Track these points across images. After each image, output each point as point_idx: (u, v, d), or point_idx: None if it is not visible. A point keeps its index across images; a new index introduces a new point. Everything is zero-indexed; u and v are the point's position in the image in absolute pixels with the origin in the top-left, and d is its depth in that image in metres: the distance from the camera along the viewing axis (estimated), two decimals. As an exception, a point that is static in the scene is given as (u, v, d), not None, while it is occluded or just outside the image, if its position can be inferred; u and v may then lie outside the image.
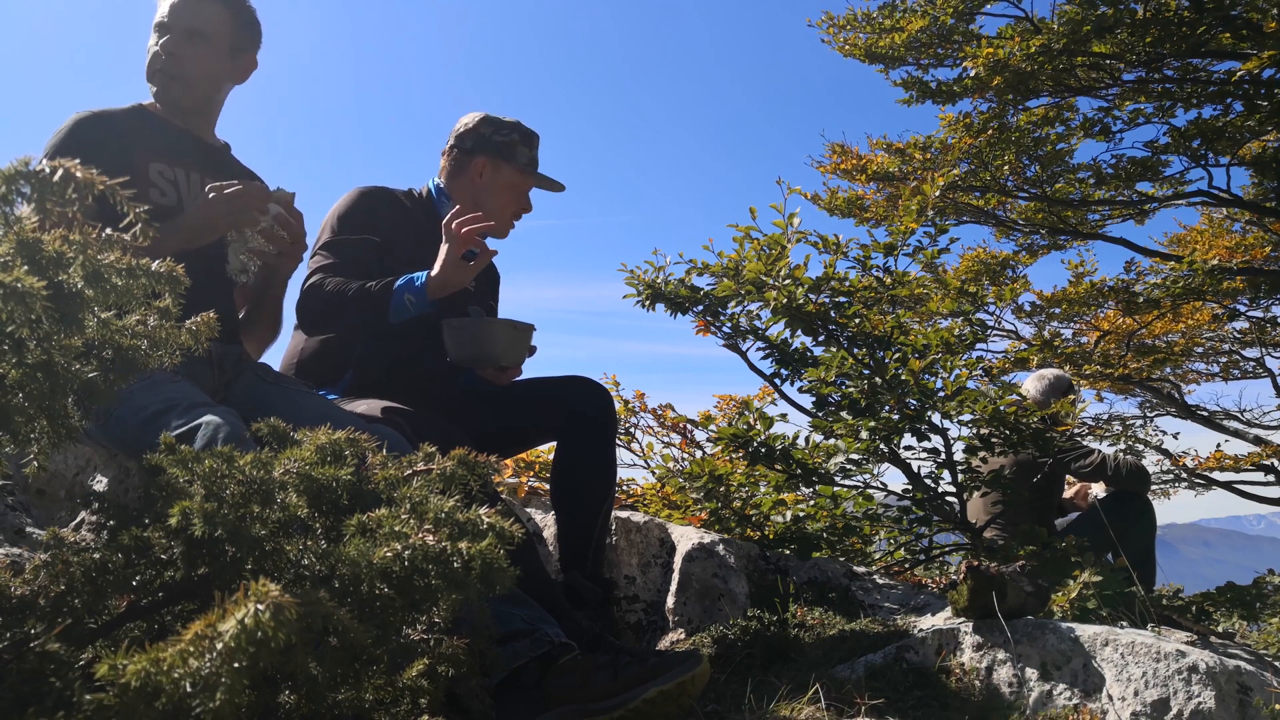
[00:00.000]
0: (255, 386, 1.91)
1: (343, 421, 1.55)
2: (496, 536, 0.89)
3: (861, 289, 2.84)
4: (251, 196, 1.75)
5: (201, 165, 1.99)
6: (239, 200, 1.73)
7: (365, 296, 2.02)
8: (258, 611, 0.61)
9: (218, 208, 1.73)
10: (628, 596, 2.49)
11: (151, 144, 1.91)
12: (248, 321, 2.15)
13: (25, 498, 1.87)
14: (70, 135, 1.81)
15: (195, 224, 1.75)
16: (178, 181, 1.92)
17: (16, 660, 0.77)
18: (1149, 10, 5.89)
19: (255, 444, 1.12)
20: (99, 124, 1.85)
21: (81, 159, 1.04)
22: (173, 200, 1.90)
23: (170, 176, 1.91)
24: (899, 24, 7.06)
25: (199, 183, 1.96)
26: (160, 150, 1.92)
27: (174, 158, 1.94)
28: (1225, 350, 9.97)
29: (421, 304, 2.02)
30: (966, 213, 8.36)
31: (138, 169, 1.85)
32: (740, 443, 2.76)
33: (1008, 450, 2.82)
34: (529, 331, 2.16)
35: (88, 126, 1.83)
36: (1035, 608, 1.71)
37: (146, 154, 1.89)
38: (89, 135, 1.82)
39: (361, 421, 1.70)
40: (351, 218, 2.22)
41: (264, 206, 1.77)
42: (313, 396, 1.93)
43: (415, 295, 2.00)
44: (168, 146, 1.94)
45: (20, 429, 0.84)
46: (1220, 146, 6.84)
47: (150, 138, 1.92)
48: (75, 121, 1.84)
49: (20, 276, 0.76)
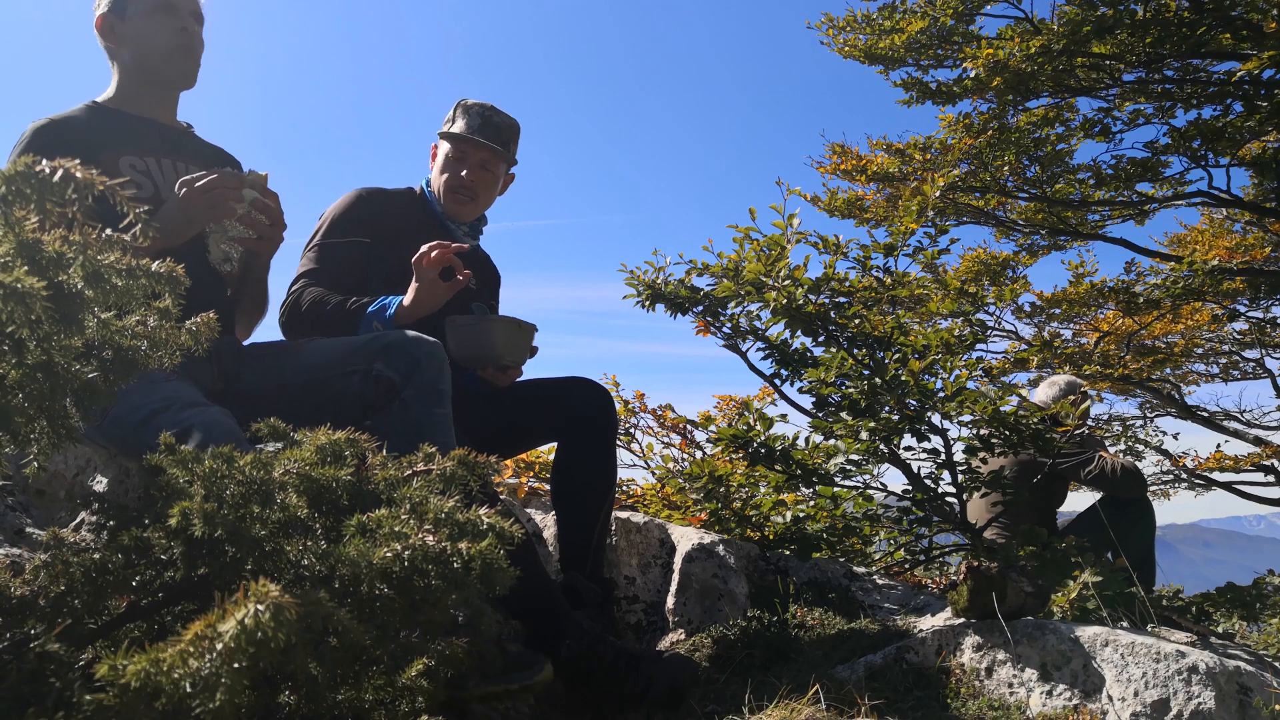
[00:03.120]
0: (262, 377, 1.90)
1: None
2: (496, 537, 0.89)
3: (861, 289, 2.84)
4: (225, 186, 1.73)
5: (171, 150, 1.98)
6: (214, 192, 1.71)
7: (339, 315, 2.03)
8: (258, 612, 0.61)
9: (194, 202, 1.71)
10: (628, 597, 2.49)
11: (117, 138, 1.90)
12: (234, 304, 2.14)
13: (25, 498, 1.87)
14: (32, 144, 1.80)
15: (173, 222, 1.73)
16: (150, 171, 1.91)
17: (16, 660, 0.77)
18: (1149, 11, 5.89)
19: (250, 443, 1.12)
20: (59, 129, 1.84)
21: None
22: (149, 191, 1.89)
23: (142, 168, 1.90)
24: (899, 25, 7.06)
25: (170, 168, 1.95)
26: (127, 143, 1.91)
27: (142, 148, 1.93)
28: (1225, 351, 9.98)
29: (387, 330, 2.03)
30: (966, 213, 8.36)
31: (108, 166, 1.83)
32: (740, 443, 2.76)
33: (1007, 451, 2.82)
34: (531, 332, 2.16)
35: (48, 134, 1.82)
36: (1035, 608, 1.71)
37: (114, 150, 1.88)
38: (51, 142, 1.80)
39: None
40: (344, 220, 2.23)
41: (239, 194, 1.75)
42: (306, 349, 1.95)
43: (384, 325, 2.00)
44: (134, 138, 1.93)
45: (20, 429, 0.84)
46: (1220, 147, 6.85)
47: (114, 132, 1.91)
48: (34, 130, 1.82)
49: (20, 277, 0.76)
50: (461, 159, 2.32)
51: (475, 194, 2.33)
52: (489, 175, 2.35)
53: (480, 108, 2.34)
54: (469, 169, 2.31)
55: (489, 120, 2.33)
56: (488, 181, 2.35)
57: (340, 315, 2.03)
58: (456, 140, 2.32)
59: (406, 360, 1.72)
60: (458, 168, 2.32)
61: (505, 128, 2.35)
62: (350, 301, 2.04)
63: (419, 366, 1.72)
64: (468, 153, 2.32)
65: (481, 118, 2.32)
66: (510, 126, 2.37)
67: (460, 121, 2.33)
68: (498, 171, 2.37)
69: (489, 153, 2.32)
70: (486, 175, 2.34)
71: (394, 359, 1.73)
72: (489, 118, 2.33)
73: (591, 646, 1.73)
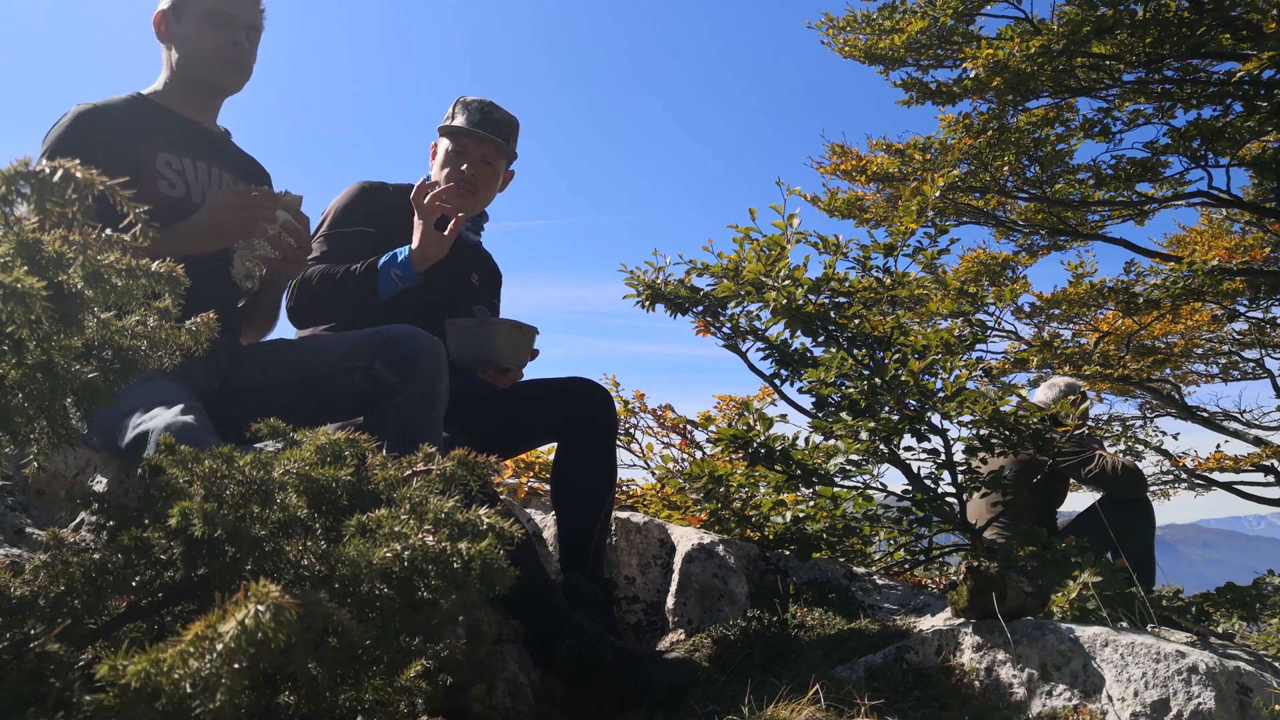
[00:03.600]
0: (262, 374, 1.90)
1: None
2: (496, 537, 0.89)
3: (861, 290, 2.84)
4: (260, 205, 1.74)
5: (206, 154, 1.98)
6: (249, 210, 1.72)
7: (351, 279, 2.05)
8: (258, 612, 0.61)
9: (228, 216, 1.72)
10: (628, 597, 2.49)
11: (156, 135, 1.90)
12: (244, 317, 2.14)
13: (25, 498, 1.87)
14: (73, 128, 1.79)
15: (204, 231, 1.74)
16: (184, 171, 1.91)
17: (16, 660, 0.77)
18: (1149, 11, 5.89)
19: (249, 442, 1.11)
20: (101, 116, 1.83)
21: (85, 154, 1.04)
22: (180, 191, 1.89)
23: (177, 167, 1.90)
24: (899, 25, 7.06)
25: (205, 172, 1.95)
26: (165, 141, 1.91)
27: (180, 148, 1.93)
28: (1225, 351, 9.98)
29: (409, 277, 2.04)
30: (966, 213, 8.36)
31: (144, 161, 1.84)
32: (740, 443, 2.76)
33: (1007, 451, 2.82)
34: (532, 334, 2.16)
35: (90, 120, 1.81)
36: (1035, 608, 1.71)
37: (152, 146, 1.87)
38: (91, 129, 1.80)
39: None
40: (348, 211, 2.24)
41: (272, 215, 1.76)
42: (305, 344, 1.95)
43: (401, 270, 2.02)
44: (173, 136, 1.93)
45: (20, 429, 0.84)
46: (1220, 147, 6.84)
47: (154, 128, 1.90)
48: (77, 114, 1.81)
49: (20, 277, 0.76)
50: (462, 153, 2.33)
51: (476, 188, 2.34)
52: (490, 170, 2.35)
53: (480, 103, 2.35)
54: (470, 163, 2.32)
55: (489, 115, 2.34)
56: (488, 176, 2.36)
57: (351, 279, 2.05)
58: (457, 135, 2.33)
59: (404, 359, 1.72)
60: (458, 162, 2.33)
61: (505, 123, 2.36)
62: (356, 266, 2.05)
63: (415, 367, 1.72)
64: (468, 147, 2.33)
65: (481, 113, 2.33)
66: (510, 122, 2.37)
67: (460, 117, 2.34)
68: (498, 166, 2.38)
69: (490, 147, 2.33)
70: (487, 170, 2.35)
71: (392, 358, 1.73)
72: (489, 113, 2.34)
73: (591, 646, 1.73)
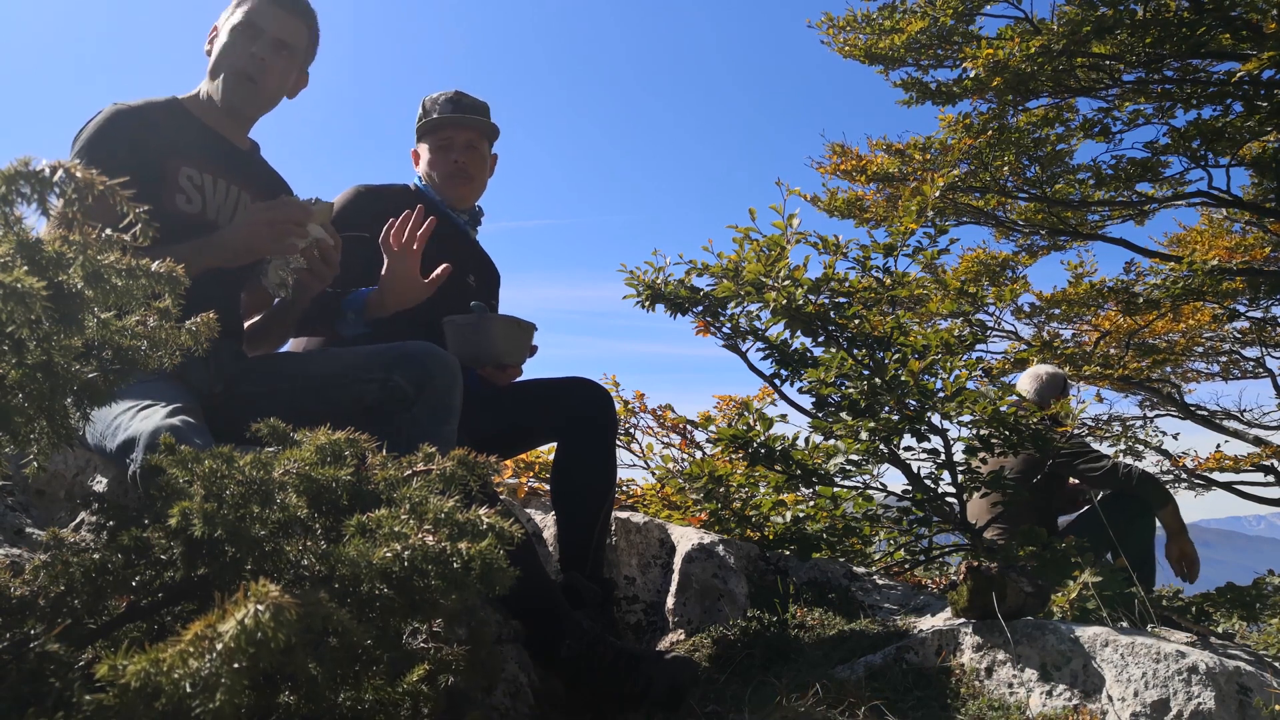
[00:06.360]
0: (264, 381, 1.90)
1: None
2: (496, 537, 0.89)
3: (861, 290, 2.84)
4: (293, 220, 1.73)
5: (229, 171, 1.97)
6: (282, 226, 1.72)
7: (314, 307, 2.05)
8: (258, 612, 0.61)
9: (261, 231, 1.72)
10: (628, 597, 2.49)
11: (184, 147, 1.89)
12: (263, 329, 2.13)
13: (25, 498, 1.87)
14: (108, 127, 1.78)
15: (236, 245, 1.73)
16: (204, 188, 1.90)
17: (16, 660, 0.77)
18: (1149, 11, 5.89)
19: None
20: (136, 119, 1.82)
21: (115, 155, 1.03)
22: (197, 207, 1.88)
23: (198, 182, 1.89)
24: (899, 25, 7.07)
25: (225, 190, 1.94)
26: (191, 154, 1.89)
27: (204, 162, 1.91)
28: (1225, 350, 9.98)
29: (357, 324, 2.03)
30: (966, 213, 8.36)
31: (168, 173, 1.83)
32: (740, 443, 2.76)
33: (1007, 451, 2.82)
34: (530, 330, 2.15)
35: (121, 121, 1.80)
36: (1035, 608, 1.71)
37: (178, 158, 1.86)
38: (125, 131, 1.79)
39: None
40: (343, 216, 2.24)
41: (304, 230, 1.76)
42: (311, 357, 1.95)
43: (356, 314, 2.02)
44: (199, 150, 1.92)
45: (20, 429, 0.84)
46: (1220, 147, 6.85)
47: (183, 140, 1.89)
48: (114, 113, 1.80)
49: (20, 277, 0.76)
50: (448, 145, 2.38)
51: (470, 174, 2.40)
52: (477, 154, 2.41)
53: (449, 95, 2.40)
54: (458, 152, 2.37)
55: (460, 103, 2.39)
56: (478, 160, 2.42)
57: (316, 307, 2.05)
58: (438, 126, 2.38)
59: (420, 373, 1.71)
60: (446, 155, 2.38)
61: (478, 106, 2.43)
62: (325, 294, 2.05)
63: (433, 380, 1.71)
64: (453, 137, 2.38)
65: (454, 103, 2.39)
66: (482, 105, 2.44)
67: (434, 113, 2.39)
68: (483, 149, 2.44)
69: (473, 131, 2.39)
70: (475, 154, 2.41)
71: (411, 371, 1.72)
72: (459, 100, 2.40)
73: (591, 646, 1.73)
